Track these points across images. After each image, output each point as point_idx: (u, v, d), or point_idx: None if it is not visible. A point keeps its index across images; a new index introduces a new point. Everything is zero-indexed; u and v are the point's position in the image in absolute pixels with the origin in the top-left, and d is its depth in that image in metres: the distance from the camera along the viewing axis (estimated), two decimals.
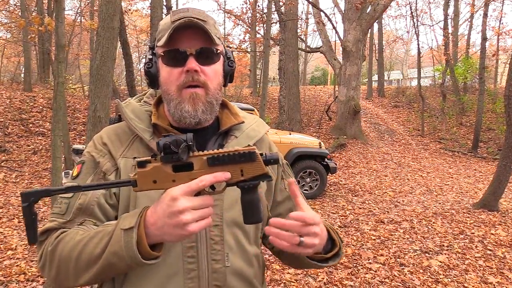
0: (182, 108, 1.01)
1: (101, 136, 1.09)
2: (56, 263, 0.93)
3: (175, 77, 1.01)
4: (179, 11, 1.02)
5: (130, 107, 1.10)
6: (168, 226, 0.81)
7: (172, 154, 0.82)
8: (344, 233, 5.30)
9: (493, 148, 13.57)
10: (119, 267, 0.86)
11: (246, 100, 18.64)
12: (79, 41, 22.38)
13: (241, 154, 0.83)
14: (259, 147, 1.17)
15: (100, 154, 1.05)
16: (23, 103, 12.26)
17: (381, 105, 19.89)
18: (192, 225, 0.81)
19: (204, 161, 0.84)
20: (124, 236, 0.84)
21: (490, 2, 15.70)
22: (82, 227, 0.97)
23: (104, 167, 1.03)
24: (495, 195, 6.54)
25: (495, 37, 20.88)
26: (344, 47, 13.57)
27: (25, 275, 3.91)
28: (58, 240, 0.94)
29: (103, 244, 0.87)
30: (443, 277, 4.00)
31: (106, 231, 0.89)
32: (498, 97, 16.61)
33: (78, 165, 1.07)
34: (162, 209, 0.82)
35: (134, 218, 0.85)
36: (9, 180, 8.25)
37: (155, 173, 0.83)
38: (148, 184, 0.84)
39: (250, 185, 0.86)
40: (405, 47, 36.99)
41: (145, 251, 0.84)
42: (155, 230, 0.83)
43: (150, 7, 10.13)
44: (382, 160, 11.66)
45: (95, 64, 4.18)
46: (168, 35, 0.97)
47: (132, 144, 1.06)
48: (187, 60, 0.99)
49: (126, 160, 1.03)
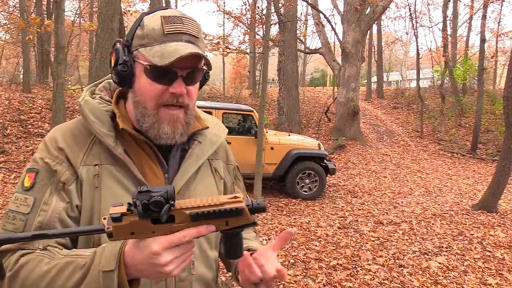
0: (161, 128, 0.95)
1: (56, 139, 0.98)
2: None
3: (156, 93, 0.94)
4: (172, 21, 0.94)
5: (88, 106, 0.99)
6: (149, 271, 0.79)
7: (152, 212, 0.75)
8: (343, 234, 5.29)
9: (492, 149, 13.58)
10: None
11: (245, 101, 18.64)
12: (78, 42, 22.37)
13: (228, 210, 0.79)
14: (218, 150, 1.16)
15: (57, 162, 0.94)
16: (22, 104, 12.25)
17: (380, 106, 19.91)
18: (175, 271, 0.79)
19: (187, 216, 0.78)
20: (103, 278, 0.79)
21: (488, 3, 15.73)
22: (46, 252, 0.88)
23: (63, 176, 0.93)
24: (494, 196, 6.55)
25: (494, 38, 20.94)
26: (343, 48, 13.58)
27: None
28: (19, 266, 0.86)
29: (76, 279, 0.81)
30: (442, 278, 4.00)
31: (78, 264, 0.82)
32: (497, 98, 16.64)
33: (30, 173, 0.95)
34: (143, 258, 0.78)
35: (113, 259, 0.80)
36: (8, 181, 8.24)
37: (132, 226, 0.77)
38: (124, 235, 0.78)
39: (234, 232, 0.84)
40: (404, 49, 37.06)
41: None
42: (134, 272, 0.81)
43: (149, 8, 10.14)
44: (381, 161, 11.67)
45: (95, 65, 4.18)
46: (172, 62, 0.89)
47: (91, 148, 0.97)
48: (175, 81, 0.93)
49: (87, 169, 0.95)
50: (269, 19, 8.00)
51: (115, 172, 0.96)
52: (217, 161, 1.15)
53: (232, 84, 32.10)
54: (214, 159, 1.14)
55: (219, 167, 1.15)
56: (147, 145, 1.00)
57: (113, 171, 0.96)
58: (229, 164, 1.21)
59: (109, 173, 0.96)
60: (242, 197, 0.81)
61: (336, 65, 14.70)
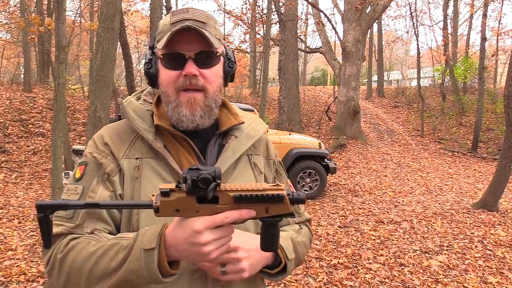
0: (180, 111, 1.01)
1: (102, 136, 1.07)
2: (66, 271, 0.92)
3: (173, 79, 1.01)
4: (179, 12, 1.02)
5: (131, 106, 1.09)
6: (189, 252, 0.83)
7: (199, 189, 0.80)
8: (344, 233, 5.30)
9: (492, 148, 13.57)
10: (135, 283, 0.87)
11: (245, 100, 18.64)
12: (79, 42, 22.37)
13: (270, 196, 0.82)
14: (257, 146, 1.19)
15: (103, 155, 1.03)
16: (23, 104, 12.26)
17: (381, 105, 19.90)
18: (213, 253, 0.83)
19: (230, 198, 0.82)
20: (145, 256, 0.84)
21: (489, 2, 15.72)
22: (94, 236, 0.96)
23: (108, 168, 1.02)
24: (495, 195, 6.55)
25: (494, 37, 20.88)
26: (343, 47, 13.58)
27: (25, 275, 3.91)
28: (69, 248, 0.93)
29: (120, 259, 0.87)
30: (443, 277, 4.01)
31: (121, 245, 0.88)
32: (498, 97, 16.63)
33: (81, 166, 1.04)
34: (184, 237, 0.82)
35: (154, 238, 0.85)
36: (9, 180, 8.25)
37: (178, 203, 0.82)
38: (170, 212, 0.83)
39: (273, 221, 0.86)
40: (405, 48, 37.03)
41: (165, 270, 0.85)
42: (174, 252, 0.85)
43: (150, 8, 10.14)
44: (382, 160, 11.67)
45: (96, 65, 4.19)
46: (167, 38, 0.96)
47: (134, 144, 1.05)
48: (185, 64, 0.99)
49: (129, 161, 1.02)
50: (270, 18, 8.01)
51: (154, 165, 1.03)
52: (257, 156, 1.18)
53: (232, 83, 32.04)
54: (253, 154, 1.17)
55: (258, 162, 1.17)
56: (184, 140, 1.06)
57: (152, 164, 1.03)
58: (270, 159, 1.23)
59: (149, 165, 1.03)
60: (283, 186, 0.84)
61: (336, 64, 14.70)
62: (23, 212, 6.18)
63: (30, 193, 7.44)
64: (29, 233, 5.25)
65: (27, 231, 5.32)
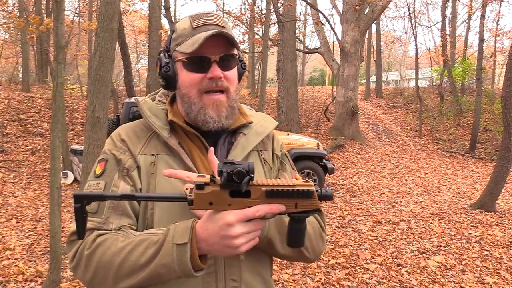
0: (206, 113, 1.05)
1: (119, 133, 1.11)
2: (93, 267, 0.94)
3: (197, 82, 1.04)
4: (199, 17, 1.05)
5: (147, 105, 1.12)
6: (219, 245, 0.85)
7: (233, 183, 0.83)
8: (341, 233, 5.31)
9: (490, 149, 13.61)
10: (166, 277, 0.89)
11: (244, 101, 18.66)
12: (77, 42, 22.34)
13: (300, 191, 0.85)
14: (267, 142, 1.22)
15: (121, 152, 1.06)
16: (21, 104, 12.25)
17: (379, 106, 19.94)
18: (243, 246, 0.86)
19: (262, 192, 0.85)
20: (177, 250, 0.86)
21: (487, 3, 15.76)
22: (121, 232, 0.97)
23: (127, 163, 1.05)
24: (492, 195, 6.57)
25: (492, 38, 20.98)
26: (342, 48, 13.59)
27: (23, 275, 3.91)
28: (97, 244, 0.94)
29: (150, 254, 0.89)
30: (440, 277, 4.02)
31: (151, 241, 0.90)
32: (496, 98, 16.67)
33: (101, 163, 1.07)
34: (215, 230, 0.85)
35: (186, 233, 0.87)
36: (7, 180, 8.24)
37: (212, 196, 0.85)
38: (203, 205, 0.85)
39: (301, 217, 0.89)
40: (403, 48, 37.07)
41: (196, 264, 0.87)
42: (205, 246, 0.87)
43: (149, 8, 10.14)
44: (380, 160, 11.69)
45: (94, 65, 4.19)
46: (201, 43, 0.99)
47: (149, 141, 1.08)
48: (210, 67, 1.03)
49: (145, 157, 1.05)
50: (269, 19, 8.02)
51: (169, 161, 1.05)
52: (266, 152, 1.20)
53: None
54: (263, 150, 1.20)
55: (268, 158, 1.20)
56: (197, 138, 1.09)
57: (167, 160, 1.06)
58: (275, 153, 1.25)
59: (164, 161, 1.05)
60: (313, 183, 0.87)
61: (335, 65, 14.72)
62: (21, 211, 6.18)
63: (28, 193, 7.43)
64: (27, 232, 5.25)
65: (25, 230, 5.32)
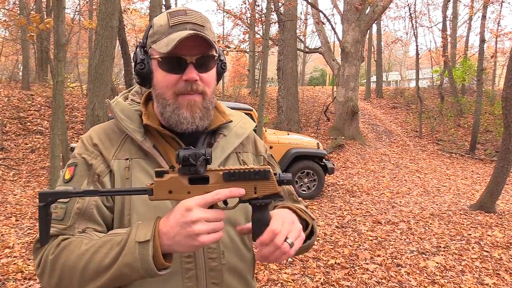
0: (180, 114, 1.01)
1: (91, 137, 1.06)
2: (58, 272, 0.91)
3: (172, 83, 1.00)
4: (177, 14, 1.00)
5: (119, 107, 1.08)
6: (180, 236, 0.83)
7: (190, 166, 0.83)
8: (341, 233, 5.31)
9: (490, 149, 13.60)
10: (130, 277, 0.86)
11: (244, 100, 18.65)
12: (77, 40, 22.33)
13: (256, 172, 0.86)
14: (246, 143, 1.20)
15: (92, 156, 1.02)
16: (21, 102, 12.24)
17: (379, 106, 19.93)
18: (204, 237, 0.82)
19: (220, 176, 0.86)
20: (139, 248, 0.84)
21: (488, 4, 15.75)
22: (85, 235, 0.95)
23: (98, 169, 1.01)
24: (492, 196, 6.57)
25: (493, 39, 20.94)
26: (343, 48, 13.58)
27: (22, 273, 3.91)
28: (60, 249, 0.92)
29: (113, 255, 0.86)
30: (439, 278, 4.02)
31: (115, 241, 0.88)
32: (496, 99, 16.66)
33: (70, 167, 1.03)
34: (176, 219, 0.83)
35: (148, 230, 0.85)
36: (6, 178, 8.24)
37: (171, 183, 0.85)
38: (163, 194, 0.85)
39: (262, 203, 0.88)
40: (404, 49, 37.07)
41: (159, 262, 0.85)
42: (166, 240, 0.84)
43: (149, 7, 10.13)
44: (380, 161, 11.69)
45: (94, 63, 4.18)
46: (175, 45, 0.94)
47: (123, 145, 1.04)
48: (186, 69, 0.99)
49: (119, 162, 1.02)
50: (269, 18, 8.02)
51: (144, 165, 1.03)
52: (245, 154, 1.18)
53: (231, 83, 32.06)
54: (242, 152, 1.17)
55: (247, 159, 1.18)
56: (173, 140, 1.06)
57: (142, 164, 1.03)
58: (259, 155, 1.23)
59: (139, 166, 1.02)
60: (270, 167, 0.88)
61: (335, 65, 14.70)
62: (21, 210, 6.17)
63: (27, 191, 7.43)
64: (26, 231, 5.24)
65: (24, 229, 5.31)
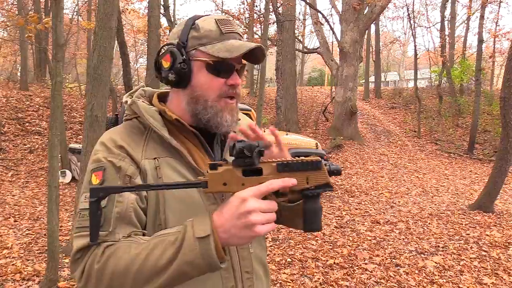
0: (223, 116, 1.05)
1: (114, 140, 1.04)
2: (107, 280, 0.89)
3: (218, 86, 1.04)
4: (225, 22, 1.06)
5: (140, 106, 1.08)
6: (236, 227, 0.83)
7: (244, 158, 0.85)
8: (340, 233, 5.31)
9: (489, 149, 13.62)
10: (190, 275, 0.87)
11: (243, 100, 18.64)
12: (76, 40, 22.31)
13: (309, 162, 0.88)
14: None
15: (119, 158, 1.00)
16: (20, 102, 12.22)
17: (378, 106, 19.95)
18: (260, 227, 0.83)
19: (273, 167, 0.87)
20: (201, 244, 0.84)
21: (486, 4, 15.78)
22: (132, 239, 0.93)
23: (128, 171, 0.99)
24: (491, 196, 6.58)
25: (491, 39, 21.00)
26: (341, 48, 13.60)
27: (20, 274, 3.90)
28: (107, 256, 0.89)
29: (169, 254, 0.85)
30: (438, 277, 4.02)
31: (168, 241, 0.87)
32: (494, 99, 16.69)
33: (97, 172, 1.00)
34: (231, 211, 0.84)
35: (206, 225, 0.85)
36: (5, 179, 8.22)
37: (226, 175, 0.86)
38: (218, 186, 0.86)
39: (314, 193, 0.90)
40: (402, 49, 37.12)
41: (220, 256, 0.85)
42: (222, 233, 0.85)
43: (147, 7, 10.12)
44: (379, 161, 11.70)
45: (93, 64, 4.17)
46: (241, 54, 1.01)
47: (147, 145, 1.04)
48: (232, 74, 1.05)
49: (149, 162, 1.01)
50: (267, 19, 8.04)
51: (173, 163, 1.03)
52: None
53: None
54: None
55: None
56: (195, 137, 1.08)
57: (171, 162, 1.03)
58: None
59: (168, 164, 1.03)
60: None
61: (334, 65, 14.71)
62: (19, 210, 6.17)
63: (26, 192, 7.42)
64: (25, 231, 5.23)
65: (23, 229, 5.31)
